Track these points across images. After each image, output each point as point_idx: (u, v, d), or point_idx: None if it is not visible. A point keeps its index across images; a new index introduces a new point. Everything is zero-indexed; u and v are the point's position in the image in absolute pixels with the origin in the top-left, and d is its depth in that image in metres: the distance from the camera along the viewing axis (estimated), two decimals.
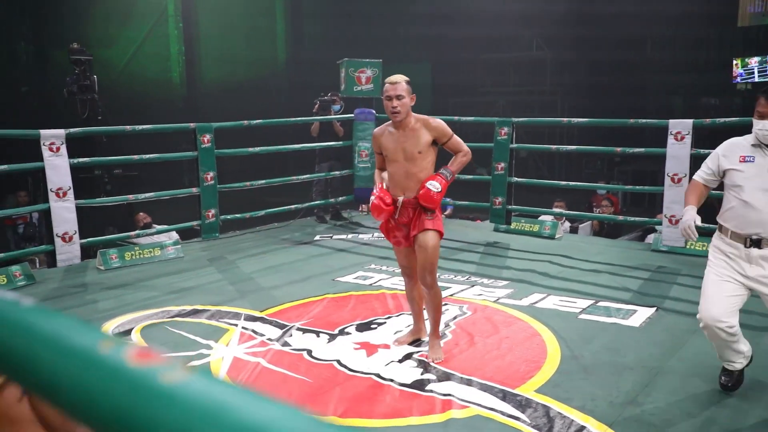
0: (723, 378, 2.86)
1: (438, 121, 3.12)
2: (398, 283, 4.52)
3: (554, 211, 6.77)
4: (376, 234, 6.34)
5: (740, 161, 2.69)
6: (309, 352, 3.40)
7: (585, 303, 4.12)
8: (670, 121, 5.42)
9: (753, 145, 2.69)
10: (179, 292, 4.57)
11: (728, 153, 2.74)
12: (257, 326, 3.80)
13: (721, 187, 2.84)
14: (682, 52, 12.62)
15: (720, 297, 2.69)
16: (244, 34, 13.47)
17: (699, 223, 2.70)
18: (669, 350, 3.33)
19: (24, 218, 7.40)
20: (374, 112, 6.85)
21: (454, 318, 3.87)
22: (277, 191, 7.72)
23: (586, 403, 2.76)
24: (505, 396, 2.82)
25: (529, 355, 3.28)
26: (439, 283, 4.47)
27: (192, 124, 5.97)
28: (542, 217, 6.62)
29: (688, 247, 5.32)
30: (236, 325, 3.83)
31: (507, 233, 6.23)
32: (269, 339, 3.58)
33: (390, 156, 3.13)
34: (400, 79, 3.07)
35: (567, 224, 7.16)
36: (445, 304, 4.12)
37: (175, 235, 6.20)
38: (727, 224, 2.73)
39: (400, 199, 3.12)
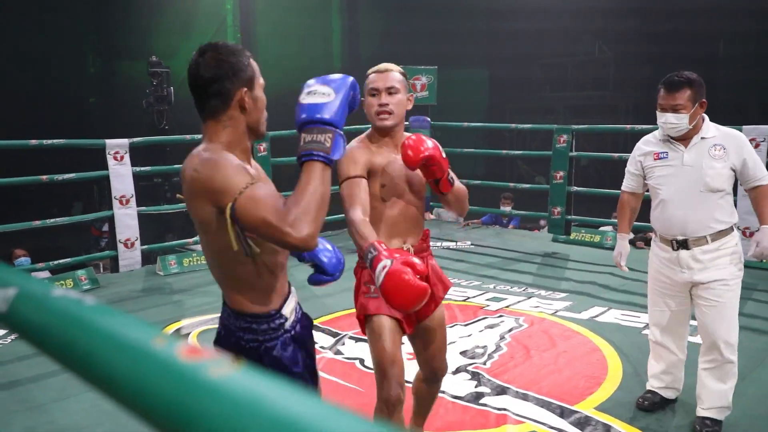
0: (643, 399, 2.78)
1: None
2: (457, 291, 4.47)
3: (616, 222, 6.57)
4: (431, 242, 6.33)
5: (654, 159, 2.58)
6: (361, 361, 3.41)
7: None
8: (744, 127, 5.19)
9: (662, 141, 2.57)
10: None
11: (643, 152, 2.63)
12: None
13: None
14: (761, 47, 12.03)
15: (664, 317, 2.64)
16: (300, 43, 13.77)
17: (627, 251, 2.73)
18: (740, 371, 3.17)
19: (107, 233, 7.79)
20: (429, 120, 6.86)
21: (510, 330, 3.82)
22: (332, 197, 7.79)
23: (650, 423, 2.66)
24: (563, 412, 2.75)
25: (588, 371, 3.19)
26: (497, 294, 4.45)
27: None
28: (603, 228, 6.45)
29: (765, 262, 5.06)
30: None
31: (566, 244, 6.10)
32: (322, 347, 3.62)
33: (389, 187, 2.03)
34: (393, 67, 2.07)
35: (630, 235, 6.94)
36: (500, 316, 4.07)
37: None
38: (655, 227, 2.63)
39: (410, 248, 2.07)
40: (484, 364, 3.30)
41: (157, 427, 0.36)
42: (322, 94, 1.39)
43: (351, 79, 1.43)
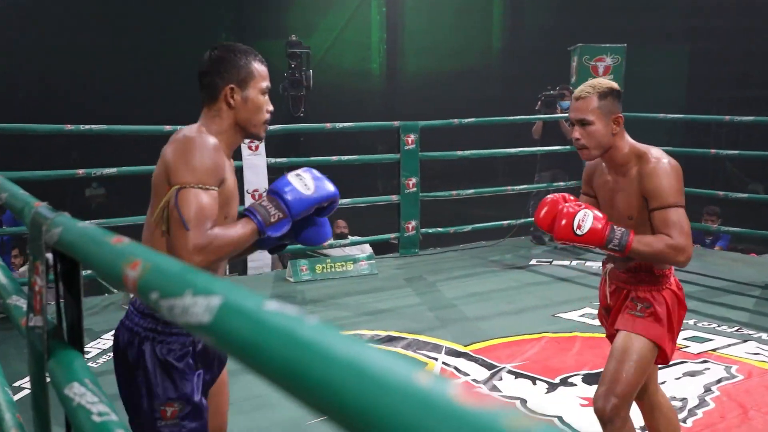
0: None
1: (664, 167, 2.20)
2: None
3: None
4: None
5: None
6: (523, 402, 3.35)
7: None
8: None
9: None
10: (373, 314, 4.80)
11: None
12: (461, 363, 3.84)
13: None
14: None
15: None
16: (454, 18, 13.82)
17: None
18: None
19: None
20: None
21: (719, 381, 3.55)
22: (485, 203, 7.76)
23: None
24: None
25: None
26: (698, 333, 4.15)
27: (396, 122, 6.26)
28: None
29: None
30: (436, 359, 3.90)
31: None
32: (475, 380, 3.60)
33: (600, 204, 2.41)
34: (591, 91, 2.24)
35: None
36: (704, 361, 3.80)
37: (368, 249, 6.54)
38: None
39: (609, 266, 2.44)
40: (684, 421, 3.09)
41: None
42: (305, 186, 1.79)
43: (335, 194, 1.84)
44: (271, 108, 1.89)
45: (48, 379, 1.29)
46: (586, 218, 2.16)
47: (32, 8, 11.02)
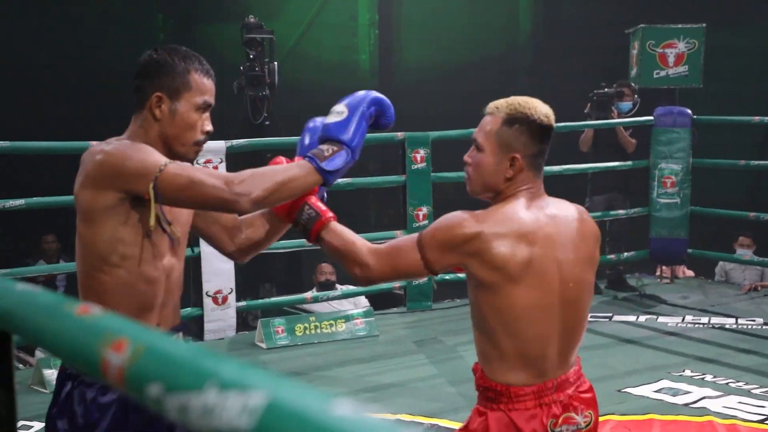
0: None
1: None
2: (736, 406, 4.33)
3: None
4: (689, 317, 6.12)
5: None
6: None
7: None
8: None
9: None
10: (375, 390, 4.77)
11: None
12: None
13: None
14: None
15: None
16: None
17: None
18: None
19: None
20: (689, 112, 6.66)
21: None
22: None
23: None
24: None
25: None
26: None
27: (400, 133, 6.24)
28: None
29: None
30: None
31: None
32: None
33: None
34: (500, 109, 2.20)
35: None
36: None
37: (364, 302, 6.49)
38: None
39: None
40: None
41: None
42: (338, 113, 2.11)
43: (372, 95, 2.21)
44: (208, 128, 2.10)
45: None
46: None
47: None
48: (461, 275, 6.56)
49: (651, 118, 6.81)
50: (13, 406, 1.27)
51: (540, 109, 2.17)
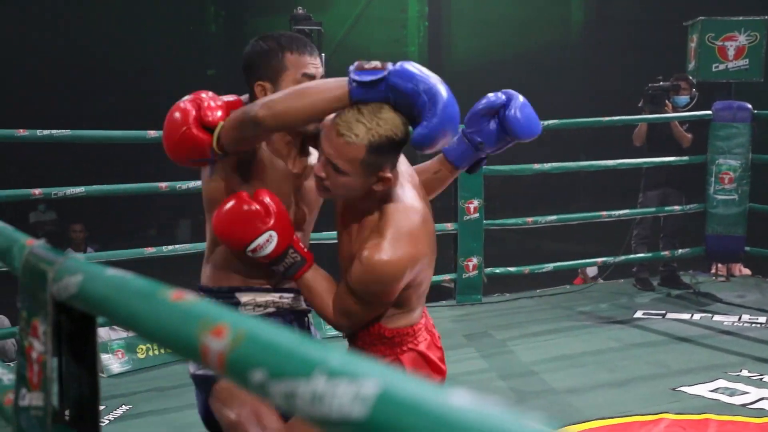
0: None
1: (368, 261, 2.21)
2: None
3: None
4: (746, 316, 6.04)
5: None
6: None
7: None
8: None
9: None
10: None
11: None
12: None
13: None
14: None
15: None
16: None
17: None
18: None
19: None
20: (750, 107, 6.57)
21: None
22: (567, 234, 7.72)
23: None
24: None
25: None
26: None
27: None
28: None
29: None
30: None
31: None
32: None
33: None
34: (359, 137, 1.98)
35: None
36: None
37: None
38: None
39: None
40: None
41: None
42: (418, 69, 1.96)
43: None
44: None
45: None
46: (270, 242, 2.13)
47: None
48: (512, 269, 6.57)
49: (709, 112, 6.73)
50: (97, 387, 1.29)
51: (396, 122, 2.01)
